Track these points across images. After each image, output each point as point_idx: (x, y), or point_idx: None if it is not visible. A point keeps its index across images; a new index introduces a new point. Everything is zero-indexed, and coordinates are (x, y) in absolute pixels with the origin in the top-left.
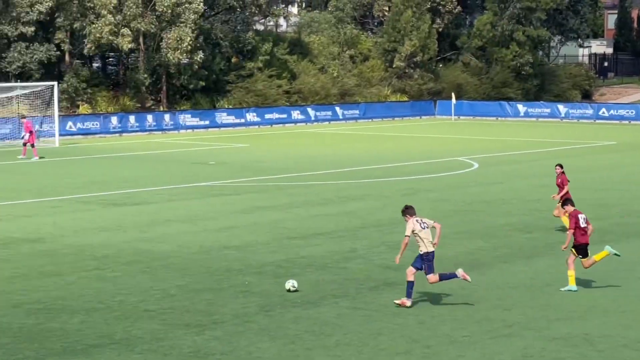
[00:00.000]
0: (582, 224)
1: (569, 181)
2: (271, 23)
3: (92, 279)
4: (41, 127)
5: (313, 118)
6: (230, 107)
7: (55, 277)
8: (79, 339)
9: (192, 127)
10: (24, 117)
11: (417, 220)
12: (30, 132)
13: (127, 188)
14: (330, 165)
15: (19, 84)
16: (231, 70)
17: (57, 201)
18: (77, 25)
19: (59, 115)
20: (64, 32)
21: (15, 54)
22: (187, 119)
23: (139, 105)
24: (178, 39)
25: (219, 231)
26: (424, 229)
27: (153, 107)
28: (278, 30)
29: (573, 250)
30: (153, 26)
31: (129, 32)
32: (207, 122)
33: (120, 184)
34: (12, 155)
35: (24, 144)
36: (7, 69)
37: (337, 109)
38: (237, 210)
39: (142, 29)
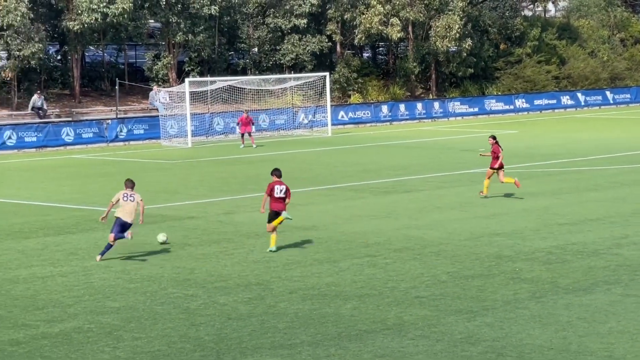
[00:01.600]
0: (277, 194)
1: (501, 149)
2: (539, 8)
3: (364, 265)
4: (314, 117)
5: (583, 103)
6: (499, 93)
7: (329, 264)
8: (353, 325)
9: (462, 115)
10: (246, 111)
11: None
12: (249, 123)
13: (398, 176)
14: (600, 150)
15: (292, 75)
16: (499, 56)
17: (331, 189)
18: (347, 16)
19: (331, 105)
20: (335, 23)
21: (289, 46)
22: (456, 106)
23: (409, 93)
24: (446, 26)
25: (488, 218)
26: None
27: (422, 95)
28: (546, 16)
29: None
30: (422, 15)
31: (398, 22)
32: (476, 109)
33: (390, 172)
34: (288, 144)
35: (242, 135)
36: (281, 61)
37: (608, 93)
38: (506, 197)
39: (411, 18)
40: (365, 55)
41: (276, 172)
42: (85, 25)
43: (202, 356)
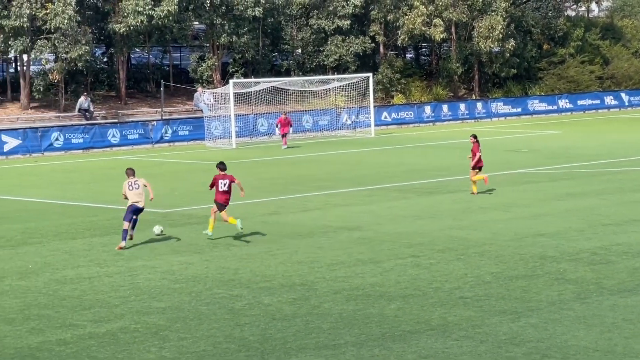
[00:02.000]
0: (221, 188)
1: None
2: (582, 8)
3: (408, 266)
4: (357, 118)
5: (627, 103)
6: (542, 94)
7: (373, 264)
8: (397, 325)
9: (504, 115)
10: (284, 112)
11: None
12: (288, 124)
13: (441, 177)
14: None
15: (335, 76)
16: (542, 57)
17: (374, 190)
18: (390, 17)
19: (374, 106)
20: (378, 24)
21: (332, 47)
22: (499, 106)
23: (452, 94)
24: (489, 27)
25: (532, 218)
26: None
27: (465, 95)
28: (590, 16)
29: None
30: (465, 15)
31: (441, 22)
32: (519, 110)
33: (434, 172)
34: (331, 145)
35: (283, 136)
36: (325, 62)
37: None
38: (550, 197)
39: (454, 19)
40: (408, 56)
41: (220, 166)
42: (131, 27)
43: (247, 356)
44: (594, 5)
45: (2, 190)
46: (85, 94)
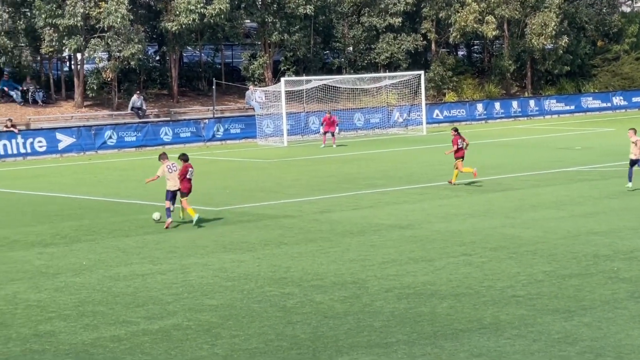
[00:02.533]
0: (189, 176)
1: (461, 142)
2: (638, 4)
3: (460, 264)
4: (409, 116)
5: None
6: (596, 91)
7: (424, 263)
8: (449, 323)
9: (557, 113)
10: (329, 111)
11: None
12: (333, 123)
13: (493, 174)
14: None
15: (387, 74)
16: (596, 53)
17: (425, 188)
18: (442, 14)
19: (426, 104)
20: (430, 21)
21: (384, 45)
22: (552, 104)
23: (504, 91)
24: (542, 24)
25: (585, 216)
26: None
27: (518, 93)
28: None
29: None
30: (517, 12)
31: (494, 19)
32: (572, 107)
33: (486, 170)
34: (383, 143)
35: (324, 133)
36: (376, 60)
37: None
38: (604, 195)
39: (507, 16)
40: (460, 53)
41: (183, 157)
42: (183, 26)
43: (298, 354)
44: None
45: (56, 188)
46: (138, 92)
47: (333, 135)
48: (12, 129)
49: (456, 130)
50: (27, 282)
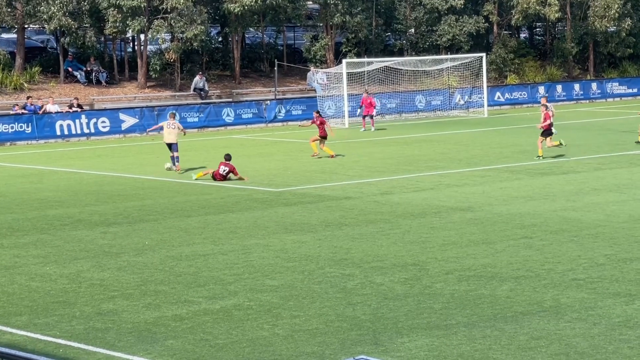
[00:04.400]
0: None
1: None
2: None
3: (521, 247)
4: (470, 98)
5: None
6: None
7: (485, 245)
8: (509, 306)
9: (620, 95)
10: (367, 92)
11: None
12: (370, 105)
13: (554, 157)
14: None
15: (448, 56)
16: None
17: (486, 170)
18: None
19: (487, 86)
20: (492, 3)
21: (446, 27)
22: (614, 87)
23: (566, 74)
24: (605, 6)
25: None
26: None
27: (580, 75)
28: None
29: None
30: None
31: (556, 2)
32: (635, 90)
33: (547, 153)
34: (444, 125)
35: (363, 117)
36: (438, 42)
37: None
38: None
39: None
40: (522, 35)
41: (226, 157)
42: (246, 7)
43: (358, 335)
44: None
45: (120, 168)
46: (200, 73)
47: (372, 117)
48: (76, 108)
49: (318, 112)
50: (91, 261)
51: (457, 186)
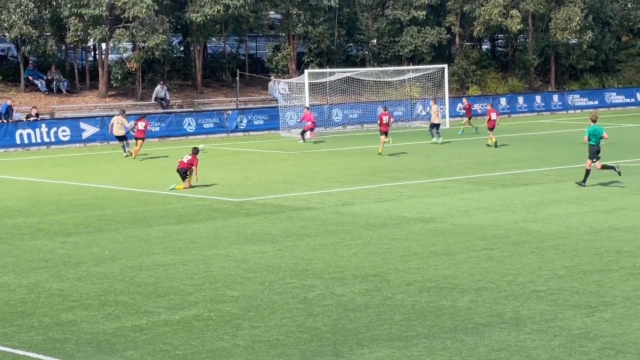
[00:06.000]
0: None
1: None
2: None
3: (482, 258)
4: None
5: None
6: (620, 86)
7: (446, 256)
8: (469, 318)
9: (581, 107)
10: (307, 107)
11: None
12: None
13: (515, 169)
14: None
15: (411, 67)
16: (621, 49)
17: (448, 181)
18: (466, 8)
19: (449, 97)
20: (454, 15)
21: (408, 38)
22: (575, 99)
23: (528, 86)
24: (567, 18)
25: (608, 212)
26: None
27: (541, 87)
28: None
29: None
30: (542, 6)
31: (518, 13)
32: (595, 102)
33: (508, 164)
34: (406, 136)
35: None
36: (400, 53)
37: None
38: (627, 191)
39: (531, 10)
40: (484, 47)
41: (193, 150)
42: (208, 17)
43: (319, 346)
44: None
45: (80, 178)
46: (161, 82)
47: (311, 131)
48: (35, 117)
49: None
50: (50, 271)
51: (418, 197)
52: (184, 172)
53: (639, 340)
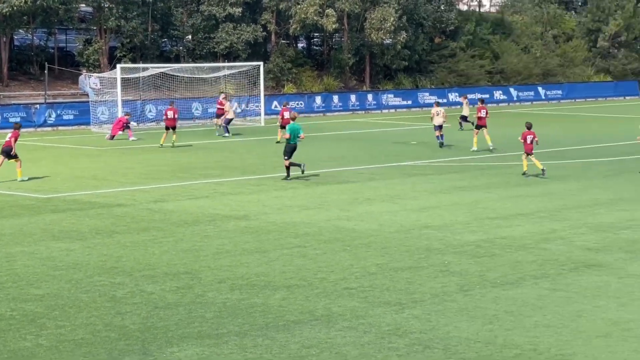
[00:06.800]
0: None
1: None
2: (474, 3)
3: (294, 256)
4: (247, 107)
5: (515, 98)
6: (433, 87)
7: (258, 254)
8: (281, 315)
9: (395, 107)
10: (127, 114)
11: None
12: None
13: (330, 167)
14: None
15: (226, 64)
16: (434, 50)
17: (262, 179)
18: (282, 6)
19: (265, 95)
20: (270, 12)
21: (223, 35)
22: (389, 98)
23: (343, 85)
24: (381, 19)
25: (419, 211)
26: None
27: (356, 86)
28: (481, 10)
29: None
30: (357, 6)
31: (334, 13)
32: (409, 102)
33: (322, 163)
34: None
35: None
36: (215, 49)
37: (540, 89)
38: (438, 190)
39: (347, 9)
40: (300, 45)
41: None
42: (15, 8)
43: (127, 344)
44: (485, 0)
45: None
46: None
47: (129, 129)
48: None
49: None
50: None
51: (232, 194)
52: (9, 150)
53: (445, 336)
